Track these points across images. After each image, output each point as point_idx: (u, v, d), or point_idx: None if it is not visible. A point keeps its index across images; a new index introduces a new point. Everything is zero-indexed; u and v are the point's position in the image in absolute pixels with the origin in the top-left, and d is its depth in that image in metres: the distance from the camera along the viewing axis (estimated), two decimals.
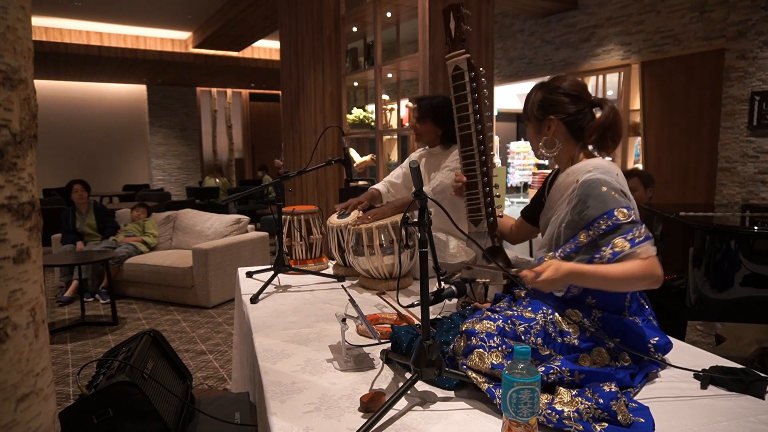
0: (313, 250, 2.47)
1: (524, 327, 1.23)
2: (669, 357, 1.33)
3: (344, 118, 4.87)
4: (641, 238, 1.21)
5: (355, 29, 4.75)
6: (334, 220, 2.28)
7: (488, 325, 1.20)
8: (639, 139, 6.44)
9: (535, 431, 0.93)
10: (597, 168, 1.29)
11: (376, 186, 2.55)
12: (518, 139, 13.77)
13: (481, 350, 1.15)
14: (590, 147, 1.41)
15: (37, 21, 8.55)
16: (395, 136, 4.94)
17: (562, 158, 1.42)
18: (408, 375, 1.17)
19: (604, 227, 1.23)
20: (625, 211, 1.22)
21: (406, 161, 2.62)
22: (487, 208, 1.61)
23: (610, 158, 1.43)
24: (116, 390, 1.40)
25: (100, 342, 3.92)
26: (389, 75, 5.09)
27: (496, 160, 11.26)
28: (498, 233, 1.65)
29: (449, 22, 1.60)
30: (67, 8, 8.05)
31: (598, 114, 1.38)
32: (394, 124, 4.93)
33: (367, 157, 4.95)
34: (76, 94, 12.13)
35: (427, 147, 2.43)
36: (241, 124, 13.97)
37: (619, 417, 1.00)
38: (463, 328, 1.22)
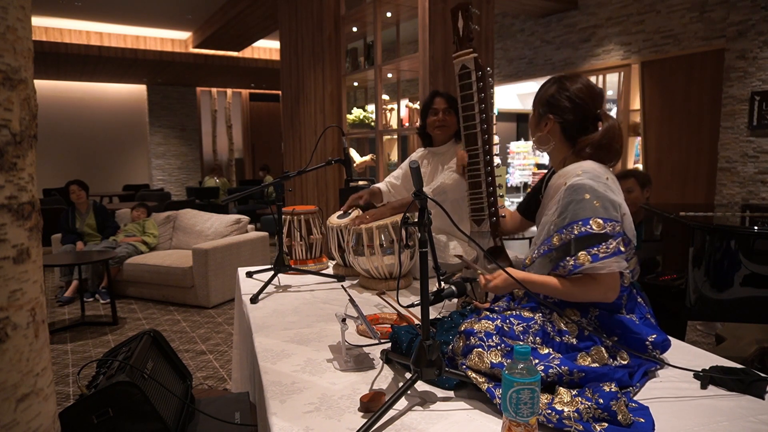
0: (313, 250, 2.47)
1: (523, 326, 1.23)
2: (669, 357, 1.33)
3: (344, 118, 4.87)
4: (606, 254, 1.19)
5: (355, 29, 4.75)
6: (334, 220, 2.29)
7: (487, 325, 1.20)
8: (639, 139, 6.43)
9: (535, 431, 0.93)
10: (586, 172, 1.27)
11: (377, 184, 2.55)
12: (518, 139, 13.76)
13: (480, 349, 1.15)
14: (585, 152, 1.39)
15: (37, 21, 8.54)
16: (395, 136, 4.94)
17: (556, 157, 1.42)
18: (408, 375, 1.17)
19: (576, 232, 1.22)
20: (600, 221, 1.21)
21: (406, 161, 2.62)
22: (490, 208, 1.61)
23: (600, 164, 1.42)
24: (116, 390, 1.40)
25: (100, 342, 3.92)
26: (389, 75, 5.08)
27: (497, 160, 11.25)
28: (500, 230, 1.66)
29: (457, 21, 1.60)
30: (67, 8, 8.05)
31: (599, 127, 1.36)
32: (394, 124, 4.93)
33: (367, 157, 4.95)
34: (76, 94, 12.12)
35: (427, 147, 2.43)
36: (241, 124, 13.97)
37: (619, 417, 1.00)
38: (462, 328, 1.22)
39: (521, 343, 1.19)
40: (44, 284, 0.55)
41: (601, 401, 1.01)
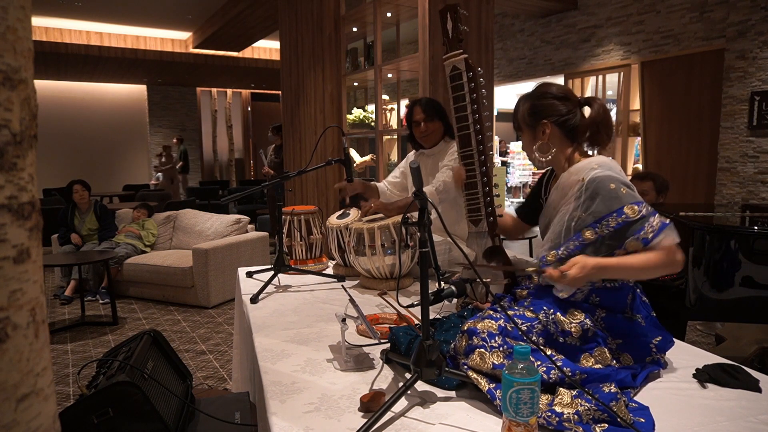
0: (313, 250, 2.47)
1: (526, 327, 1.23)
2: (669, 356, 1.33)
3: (344, 118, 4.87)
4: (654, 232, 1.21)
5: (355, 29, 4.75)
6: (333, 220, 2.29)
7: (490, 325, 1.20)
8: (639, 139, 6.44)
9: (535, 431, 0.93)
10: (602, 165, 1.29)
11: (377, 183, 2.57)
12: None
13: (482, 350, 1.15)
14: (584, 146, 1.41)
15: (37, 21, 8.55)
16: (395, 136, 4.94)
17: (559, 161, 1.41)
18: (408, 375, 1.17)
19: (613, 225, 1.23)
20: (635, 207, 1.23)
21: (404, 161, 2.63)
22: (486, 208, 1.61)
23: (610, 157, 1.43)
24: (116, 390, 1.40)
25: (100, 342, 3.92)
26: (389, 75, 5.09)
27: (496, 159, 11.25)
28: (498, 230, 1.66)
29: (446, 22, 1.59)
30: (67, 8, 8.05)
31: (587, 112, 1.39)
32: (394, 124, 4.94)
33: (367, 157, 4.95)
34: (76, 94, 12.13)
35: (420, 150, 2.45)
36: (241, 124, 13.97)
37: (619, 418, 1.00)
38: (465, 328, 1.22)
39: (523, 343, 1.19)
40: (44, 284, 0.55)
41: (601, 402, 1.01)
